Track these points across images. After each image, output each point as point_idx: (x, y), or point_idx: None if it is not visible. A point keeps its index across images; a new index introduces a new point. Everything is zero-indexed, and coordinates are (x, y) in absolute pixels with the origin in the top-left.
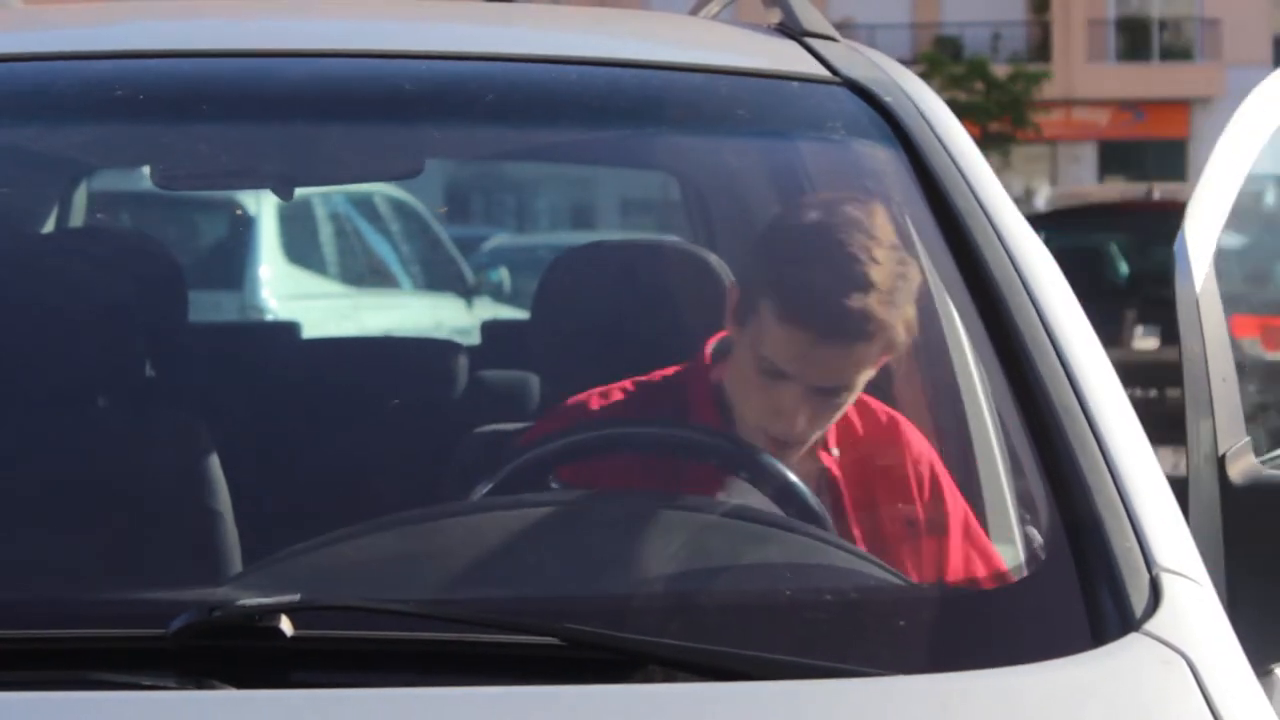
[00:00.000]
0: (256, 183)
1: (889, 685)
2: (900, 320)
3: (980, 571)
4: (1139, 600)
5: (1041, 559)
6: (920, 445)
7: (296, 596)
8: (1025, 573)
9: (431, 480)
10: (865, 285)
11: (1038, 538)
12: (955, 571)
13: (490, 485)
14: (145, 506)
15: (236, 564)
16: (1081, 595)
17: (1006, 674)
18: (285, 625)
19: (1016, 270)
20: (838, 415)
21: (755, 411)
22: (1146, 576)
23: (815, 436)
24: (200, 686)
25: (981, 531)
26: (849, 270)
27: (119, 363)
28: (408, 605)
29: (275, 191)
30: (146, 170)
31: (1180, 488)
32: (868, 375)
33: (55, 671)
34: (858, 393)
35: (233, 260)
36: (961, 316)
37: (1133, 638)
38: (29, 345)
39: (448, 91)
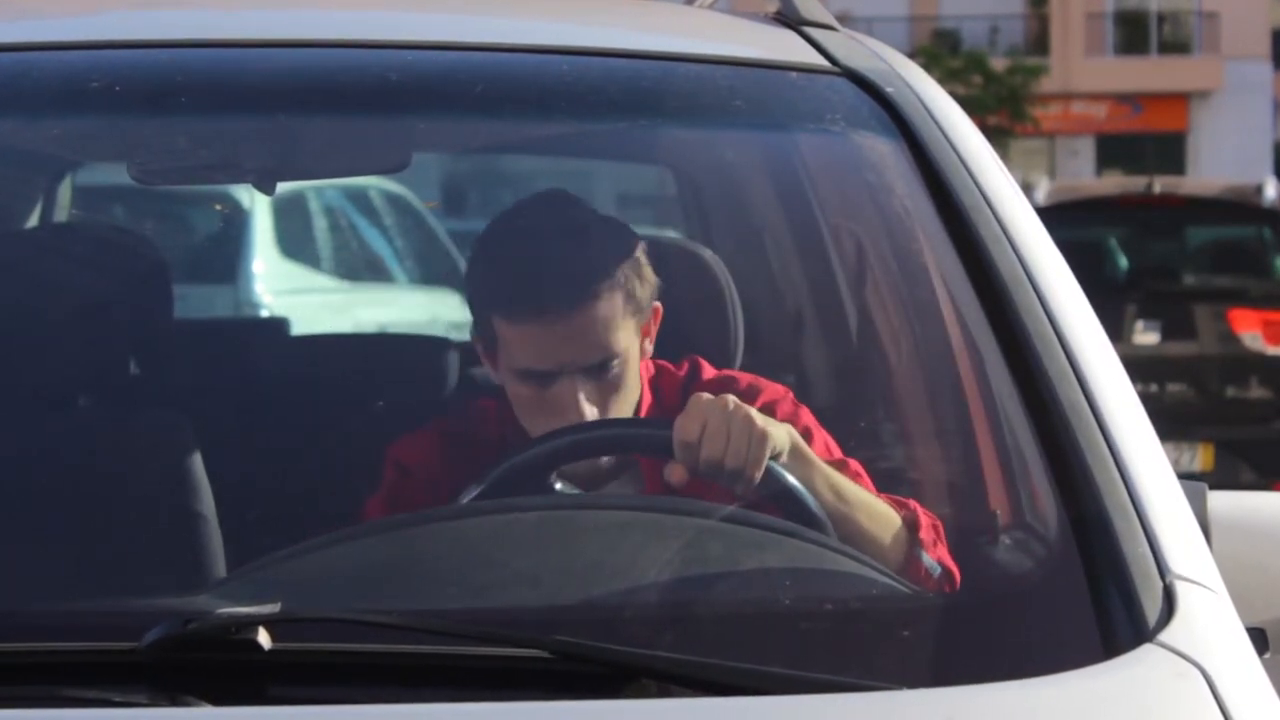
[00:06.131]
0: (237, 177)
1: (893, 699)
2: (629, 271)
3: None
4: (1152, 609)
5: (1050, 567)
6: (769, 396)
7: (276, 607)
8: (1033, 581)
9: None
10: (571, 248)
11: (1046, 544)
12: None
13: (478, 489)
14: (124, 510)
15: (221, 570)
16: (1092, 604)
17: (1015, 687)
18: (263, 638)
19: (1023, 265)
20: (627, 392)
21: (548, 426)
22: (1160, 584)
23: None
24: (174, 703)
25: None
26: (551, 244)
27: (100, 360)
28: (390, 616)
29: (257, 186)
30: (125, 165)
31: None
32: (627, 335)
33: (22, 687)
34: (634, 359)
35: (226, 255)
36: (966, 313)
37: (1146, 649)
38: (6, 342)
39: (435, 83)
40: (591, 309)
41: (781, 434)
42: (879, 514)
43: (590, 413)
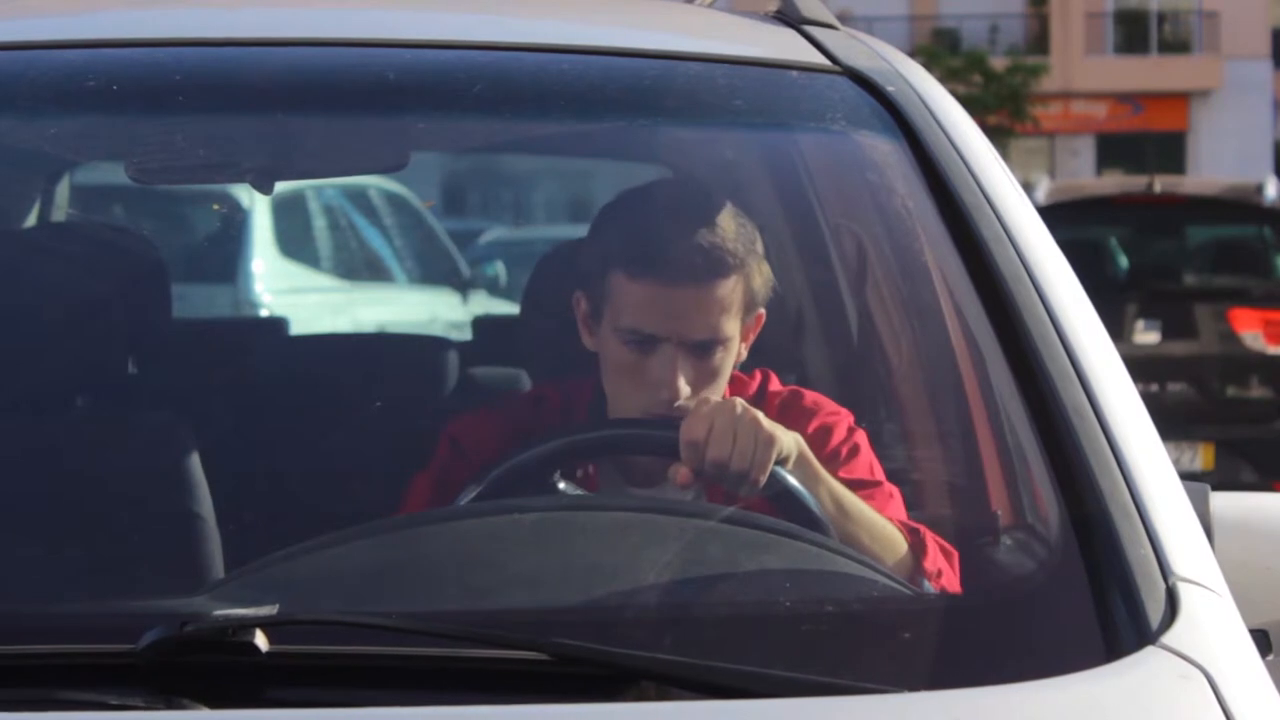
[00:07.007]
0: (236, 176)
1: (894, 703)
2: (754, 264)
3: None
4: (1155, 611)
5: (1052, 569)
6: (829, 415)
7: (274, 609)
8: (1036, 583)
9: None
10: (708, 226)
11: (1048, 546)
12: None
13: (477, 490)
14: (121, 511)
15: (218, 571)
16: (1095, 607)
17: (1016, 690)
18: (260, 640)
19: (1024, 266)
20: (720, 382)
21: (635, 396)
22: (1163, 586)
23: None
24: (170, 706)
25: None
26: (689, 217)
27: (98, 360)
28: (388, 618)
29: (255, 185)
30: (123, 164)
31: None
32: (735, 326)
33: (17, 690)
34: (733, 353)
35: (226, 254)
36: (967, 314)
37: (1149, 651)
38: (4, 343)
39: (433, 82)
40: (716, 286)
41: (789, 440)
42: (882, 535)
43: (684, 390)
